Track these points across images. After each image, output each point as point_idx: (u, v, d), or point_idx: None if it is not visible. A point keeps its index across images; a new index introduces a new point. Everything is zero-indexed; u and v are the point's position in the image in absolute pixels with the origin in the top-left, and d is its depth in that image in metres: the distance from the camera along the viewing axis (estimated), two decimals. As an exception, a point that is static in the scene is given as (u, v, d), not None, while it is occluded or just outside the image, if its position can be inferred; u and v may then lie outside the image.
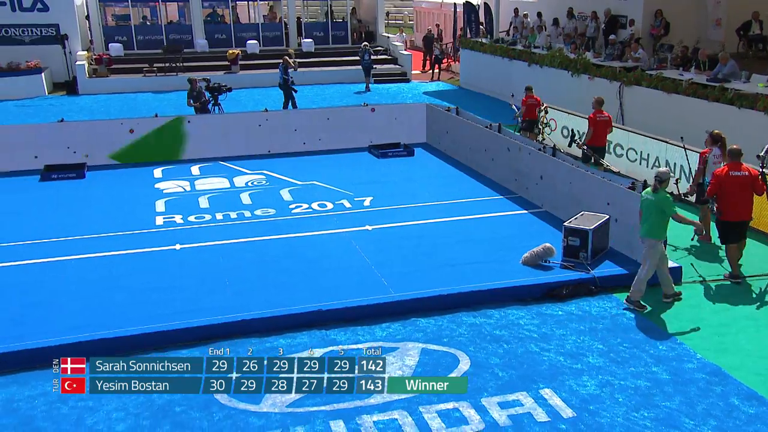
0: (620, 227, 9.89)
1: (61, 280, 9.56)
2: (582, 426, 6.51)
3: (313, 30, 29.33)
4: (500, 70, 21.45)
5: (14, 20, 25.14)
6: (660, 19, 18.09)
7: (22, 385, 7.24)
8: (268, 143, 15.74)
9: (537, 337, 8.13)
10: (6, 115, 20.78)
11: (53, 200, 12.95)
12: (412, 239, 10.76)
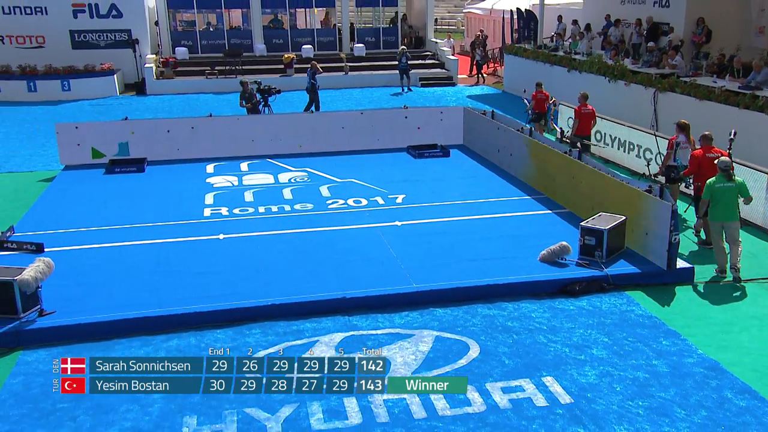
0: (637, 228, 9.94)
1: (118, 263, 10.07)
2: (577, 411, 6.70)
3: (365, 35, 29.69)
4: (541, 75, 21.36)
5: (92, 26, 26.20)
6: (702, 26, 17.80)
7: (76, 355, 7.38)
8: (313, 142, 16.05)
9: (546, 329, 8.29)
10: (81, 113, 21.84)
11: (115, 192, 13.52)
12: (438, 235, 10.96)
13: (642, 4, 19.86)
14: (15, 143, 18.17)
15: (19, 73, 24.50)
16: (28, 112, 22.15)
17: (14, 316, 8.21)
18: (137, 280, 9.45)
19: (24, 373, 7.45)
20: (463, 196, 12.91)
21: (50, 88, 24.36)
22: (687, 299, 9.09)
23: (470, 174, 14.58)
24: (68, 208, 12.55)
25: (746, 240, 10.91)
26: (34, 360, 7.73)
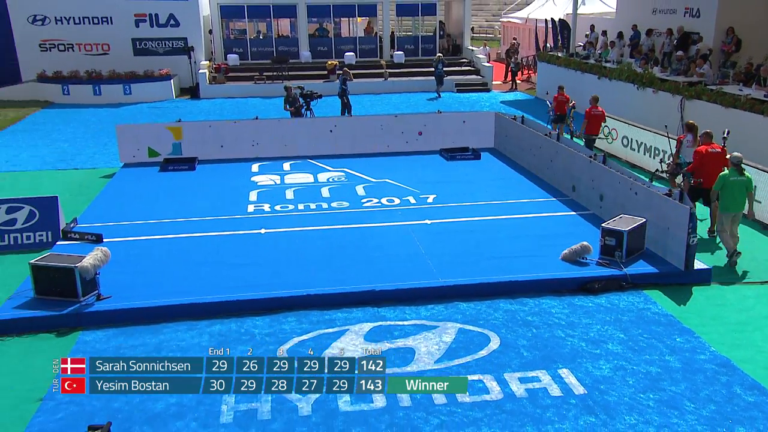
0: (656, 230, 9.86)
1: (169, 253, 10.36)
2: (590, 402, 6.73)
3: (405, 43, 29.66)
4: (573, 81, 21.18)
5: (152, 35, 26.70)
6: (732, 36, 17.37)
7: (129, 336, 8.10)
8: (351, 144, 16.16)
9: (564, 324, 8.30)
10: (140, 115, 22.27)
11: (168, 188, 13.84)
12: (465, 233, 10.99)
13: (673, 14, 19.45)
14: (81, 142, 18.65)
15: (86, 78, 25.16)
16: (93, 114, 22.68)
17: (75, 300, 8.55)
18: (185, 269, 9.71)
19: (83, 352, 7.73)
20: (492, 197, 12.90)
21: (113, 91, 24.89)
22: (703, 299, 8.99)
23: (500, 176, 14.54)
24: (125, 203, 12.89)
25: (763, 242, 10.81)
26: (91, 339, 8.06)
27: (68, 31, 25.89)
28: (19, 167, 16.02)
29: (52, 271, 8.66)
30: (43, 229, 10.95)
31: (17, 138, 19.12)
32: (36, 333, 8.21)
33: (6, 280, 9.32)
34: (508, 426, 6.41)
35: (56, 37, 25.86)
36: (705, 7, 18.09)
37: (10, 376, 7.33)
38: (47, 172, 15.56)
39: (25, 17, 25.42)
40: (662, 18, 19.93)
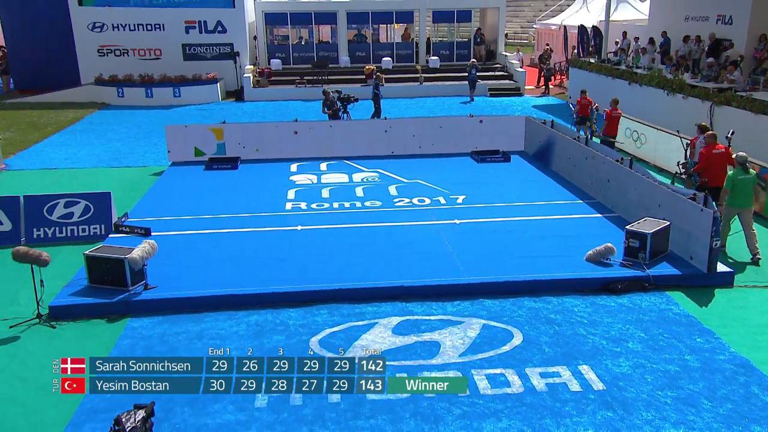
0: (680, 233, 9.72)
1: (212, 247, 10.54)
2: (608, 398, 6.72)
3: (440, 49, 29.62)
4: (603, 87, 20.92)
5: (200, 40, 27.13)
6: (764, 42, 16.92)
7: (173, 324, 8.31)
8: (386, 146, 16.22)
9: (586, 323, 8.26)
10: (188, 117, 22.63)
11: (212, 186, 14.06)
12: (492, 233, 10.96)
13: (705, 21, 19.02)
14: (133, 142, 19.06)
15: (139, 81, 25.67)
16: (145, 115, 23.15)
17: (124, 289, 8.80)
18: (226, 262, 9.89)
19: (131, 337, 8.03)
20: (520, 199, 12.83)
21: (164, 94, 25.39)
22: (725, 301, 8.84)
23: (528, 178, 14.44)
24: (172, 199, 13.15)
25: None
26: (139, 326, 8.29)
27: (124, 37, 26.53)
28: (76, 164, 16.49)
29: (104, 262, 8.91)
30: (97, 223, 11.24)
31: (75, 137, 19.67)
32: (88, 319, 8.48)
33: (63, 269, 9.58)
34: (527, 418, 6.44)
35: (113, 42, 26.53)
36: (738, 14, 17.66)
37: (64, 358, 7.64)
38: (102, 170, 15.96)
39: (86, 24, 26.15)
40: (694, 25, 19.49)
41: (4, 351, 7.79)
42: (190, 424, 6.35)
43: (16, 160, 16.81)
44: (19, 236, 10.97)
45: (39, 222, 11.10)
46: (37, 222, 11.10)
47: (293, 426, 6.33)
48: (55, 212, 11.16)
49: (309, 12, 29.02)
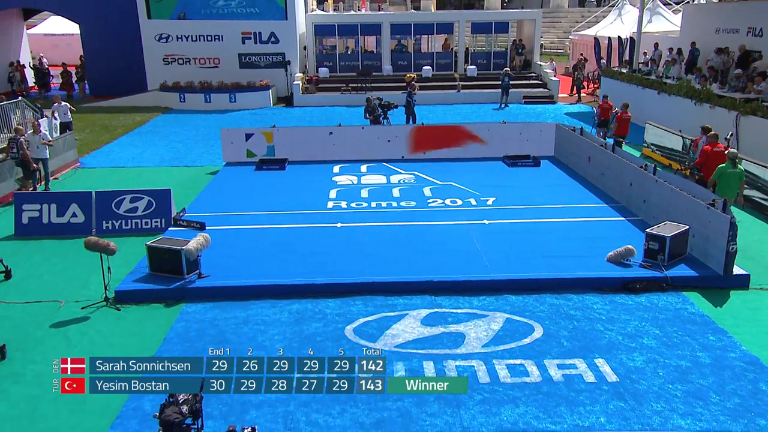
0: (699, 236, 9.60)
1: (259, 241, 10.77)
2: (621, 389, 6.76)
3: (478, 58, 29.37)
4: (634, 96, 20.51)
5: (255, 50, 27.38)
6: (792, 53, 16.57)
7: (222, 310, 8.60)
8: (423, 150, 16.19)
9: (604, 319, 8.26)
10: (242, 121, 22.88)
11: (261, 185, 14.25)
12: (519, 233, 10.96)
13: (735, 33, 18.49)
14: (192, 143, 19.35)
15: (199, 87, 26.18)
16: (203, 119, 23.55)
17: (180, 277, 9.11)
18: (271, 255, 10.12)
19: (185, 320, 8.35)
20: (547, 201, 12.76)
21: (221, 99, 25.80)
22: (740, 302, 8.72)
23: (557, 182, 14.31)
24: (226, 196, 13.41)
25: None
26: (192, 311, 8.59)
27: (186, 47, 27.09)
28: (142, 163, 16.95)
29: (164, 252, 9.24)
30: (158, 217, 11.58)
31: (141, 138, 20.18)
32: (149, 303, 8.84)
33: (127, 258, 9.94)
34: (543, 405, 6.52)
35: (177, 52, 27.10)
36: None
37: (128, 337, 8.00)
38: (164, 168, 16.34)
39: (153, 36, 26.82)
40: (725, 37, 18.97)
41: (76, 329, 8.23)
42: (235, 399, 6.58)
43: (90, 159, 17.38)
44: (90, 227, 11.44)
45: (108, 215, 11.53)
46: (106, 215, 11.54)
47: (328, 404, 6.55)
48: (122, 206, 11.57)
49: (355, 24, 29.20)
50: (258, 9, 27.09)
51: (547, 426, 6.23)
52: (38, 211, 11.53)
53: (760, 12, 17.67)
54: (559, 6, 49.72)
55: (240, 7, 27.00)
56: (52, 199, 11.72)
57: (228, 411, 6.49)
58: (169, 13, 26.76)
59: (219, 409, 6.51)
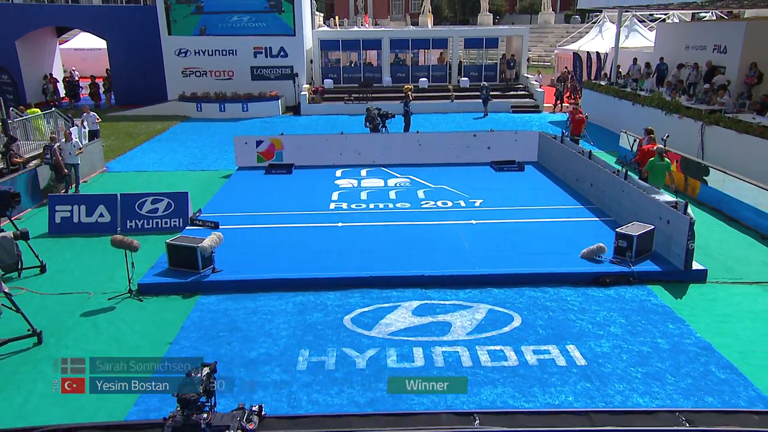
0: (663, 235, 9.77)
1: (267, 239, 10.89)
2: (588, 372, 6.94)
3: (470, 71, 29.45)
4: (610, 106, 20.76)
5: (266, 63, 27.46)
6: (754, 70, 16.56)
7: (234, 301, 8.75)
8: (418, 156, 16.27)
9: (576, 310, 8.42)
10: (253, 128, 23.03)
11: (270, 188, 14.33)
12: (504, 233, 11.07)
13: (703, 50, 18.65)
14: (207, 149, 19.43)
15: (214, 98, 26.32)
16: (218, 127, 23.63)
17: (196, 271, 9.28)
18: (278, 251, 10.27)
19: (200, 311, 8.51)
20: (529, 203, 12.86)
21: (234, 109, 25.93)
22: (697, 294, 8.89)
23: (539, 186, 14.41)
24: (238, 198, 13.51)
25: (759, 250, 10.52)
26: (207, 302, 8.75)
27: (203, 61, 27.23)
28: (162, 168, 17.05)
29: (181, 249, 9.39)
30: (177, 217, 11.75)
31: (162, 145, 20.28)
32: (168, 295, 9.01)
33: (149, 254, 10.09)
34: (519, 386, 6.71)
35: (194, 65, 27.23)
36: (731, 44, 17.28)
37: (150, 325, 8.18)
38: (182, 172, 16.43)
39: (173, 50, 26.97)
40: (694, 53, 19.12)
41: (104, 318, 8.44)
42: (245, 381, 6.82)
43: (115, 164, 17.52)
44: (116, 226, 11.62)
45: (131, 215, 11.71)
46: (130, 215, 11.71)
47: (327, 385, 6.75)
48: (144, 207, 11.75)
49: (358, 39, 29.32)
50: (266, 24, 27.14)
51: (522, 404, 6.42)
52: (69, 211, 11.72)
53: (724, 31, 17.85)
54: (546, 22, 49.86)
55: (251, 22, 27.11)
56: (82, 200, 11.91)
57: (238, 391, 6.63)
58: (191, 29, 26.89)
59: (231, 389, 6.70)
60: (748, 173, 12.39)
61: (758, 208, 11.06)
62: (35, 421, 6.32)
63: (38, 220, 12.31)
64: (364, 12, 63.18)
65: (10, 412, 6.53)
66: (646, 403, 6.39)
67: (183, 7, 26.66)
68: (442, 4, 65.01)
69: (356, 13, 65.38)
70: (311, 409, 6.38)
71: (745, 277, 9.39)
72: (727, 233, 11.32)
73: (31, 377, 7.09)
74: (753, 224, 11.25)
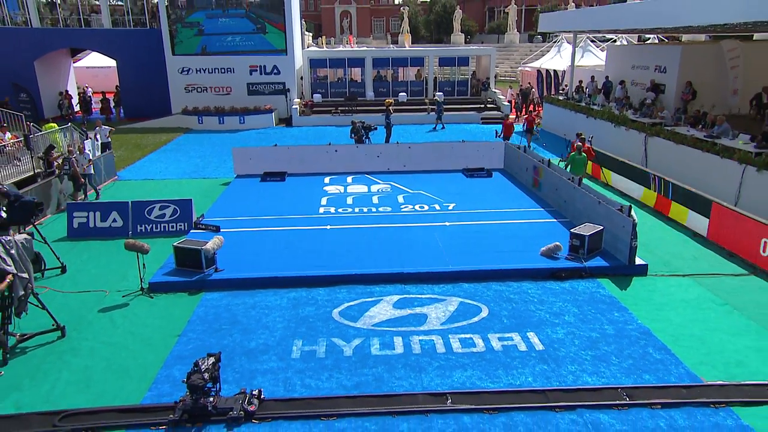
0: (610, 235, 10.05)
1: (263, 240, 10.90)
2: (545, 355, 7.18)
3: (444, 86, 29.68)
4: (567, 118, 21.14)
5: (261, 80, 27.37)
6: (689, 87, 16.96)
7: (234, 297, 8.85)
8: (398, 164, 16.35)
9: (536, 301, 8.64)
10: (250, 139, 22.93)
11: (265, 193, 14.35)
12: (474, 233, 11.22)
13: (646, 70, 19.08)
14: (208, 158, 19.33)
15: (214, 111, 26.15)
16: (218, 138, 23.52)
17: (200, 271, 9.35)
18: (274, 252, 10.33)
19: (205, 306, 8.61)
20: (497, 206, 13.01)
21: (232, 121, 25.82)
22: (639, 286, 9.17)
23: (505, 191, 14.56)
24: (236, 204, 13.46)
25: (691, 246, 10.81)
26: (211, 298, 8.85)
27: (204, 78, 27.10)
28: (167, 176, 16.96)
29: (187, 251, 9.46)
30: (182, 221, 11.77)
31: (167, 155, 20.14)
32: (175, 292, 9.09)
33: (158, 256, 10.15)
34: (485, 369, 6.92)
35: (196, 82, 27.09)
36: (670, 65, 17.70)
37: (160, 320, 8.27)
38: (185, 180, 16.34)
39: (177, 69, 26.82)
40: (639, 72, 19.54)
41: (119, 314, 8.51)
42: (246, 369, 6.98)
43: (125, 173, 17.39)
44: (127, 230, 11.63)
45: (141, 220, 11.72)
46: (140, 220, 11.72)
47: (318, 371, 6.91)
48: (152, 213, 11.76)
49: (344, 58, 29.38)
50: (258, 44, 27.05)
51: (488, 385, 6.64)
52: (86, 217, 11.71)
53: (664, 53, 18.27)
54: (512, 41, 50.35)
55: (244, 41, 27.00)
56: (97, 207, 11.90)
57: (240, 377, 6.82)
58: (194, 48, 26.77)
59: (233, 375, 6.84)
60: (684, 179, 12.81)
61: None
62: (62, 405, 6.45)
63: (58, 225, 12.28)
64: (349, 32, 63.21)
65: (39, 397, 6.63)
66: (594, 382, 6.66)
67: (187, 30, 26.61)
68: (419, 25, 65.26)
69: (342, 32, 65.36)
70: (304, 393, 6.53)
71: (679, 270, 9.70)
72: (665, 231, 11.68)
73: (57, 366, 7.18)
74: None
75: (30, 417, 6.25)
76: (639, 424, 5.98)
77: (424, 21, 66.62)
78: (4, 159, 13.53)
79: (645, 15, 16.07)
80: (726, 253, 10.38)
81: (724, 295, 8.83)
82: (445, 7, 62.57)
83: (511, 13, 50.27)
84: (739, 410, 6.20)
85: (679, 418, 6.07)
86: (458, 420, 6.10)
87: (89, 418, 6.18)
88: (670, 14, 14.65)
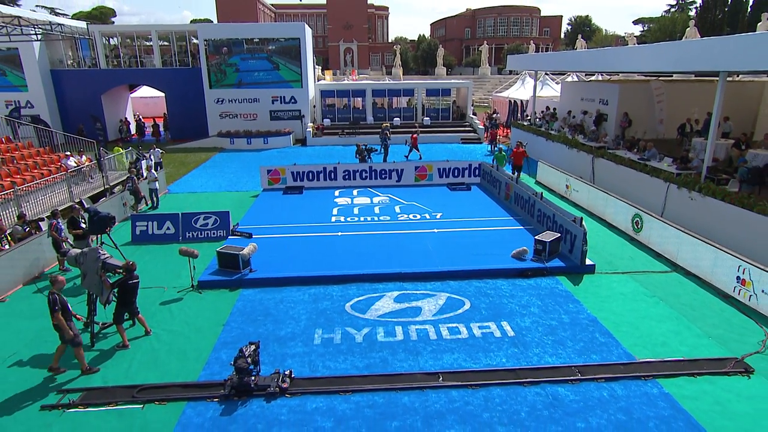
0: (567, 240, 10.20)
1: (286, 245, 10.87)
2: (516, 341, 7.37)
3: (431, 112, 29.82)
4: (530, 141, 21.33)
5: (281, 108, 27.27)
6: (626, 117, 17.10)
7: (266, 293, 8.92)
8: (394, 179, 16.28)
9: (508, 296, 8.77)
10: (272, 157, 22.65)
11: (287, 204, 14.24)
12: (458, 238, 11.24)
13: (592, 101, 19.28)
14: (240, 174, 19.12)
15: (243, 134, 26.05)
16: (247, 156, 23.33)
17: (238, 271, 9.43)
18: (295, 255, 10.32)
19: (242, 300, 8.69)
20: (476, 216, 13.01)
21: (258, 142, 25.69)
22: (588, 282, 9.32)
23: (482, 203, 14.44)
24: (264, 213, 13.38)
25: (628, 249, 10.93)
26: (247, 294, 8.92)
27: (235, 106, 27.06)
28: (207, 189, 16.81)
29: (227, 255, 9.52)
30: (222, 229, 11.79)
31: (206, 171, 19.98)
32: (219, 289, 9.16)
33: (205, 259, 10.25)
34: (469, 353, 7.11)
35: (228, 110, 27.04)
36: (611, 98, 17.87)
37: (207, 312, 8.37)
38: (222, 193, 16.22)
39: (213, 99, 26.84)
40: (587, 103, 19.71)
41: (176, 306, 8.61)
42: (278, 353, 7.15)
43: (173, 187, 17.28)
44: (179, 237, 11.67)
45: (189, 228, 11.76)
46: (188, 228, 11.76)
47: (334, 355, 7.08)
48: (198, 222, 11.79)
49: (348, 89, 29.39)
50: (279, 79, 27.13)
51: (471, 365, 6.84)
52: (146, 225, 11.74)
53: (606, 89, 18.39)
54: (484, 73, 50.45)
55: (266, 76, 27.07)
56: (154, 218, 11.92)
57: (274, 360, 7.00)
58: (232, 81, 26.81)
59: (267, 358, 7.01)
60: (624, 194, 12.99)
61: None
62: (137, 380, 6.64)
63: (123, 232, 12.30)
64: (351, 66, 63.18)
65: (120, 373, 6.82)
66: (553, 361, 6.88)
67: (230, 69, 26.67)
68: (408, 59, 65.47)
69: (345, 65, 65.34)
70: (325, 372, 6.70)
71: (619, 269, 9.85)
72: (608, 236, 11.85)
73: (131, 349, 7.35)
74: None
75: (115, 390, 6.44)
76: (588, 395, 6.21)
77: (413, 56, 66.91)
78: (81, 177, 13.66)
79: (589, 61, 16.70)
80: (654, 254, 10.58)
81: (653, 288, 9.03)
82: (429, 45, 63.27)
83: (483, 51, 50.47)
84: (663, 381, 6.45)
85: (618, 389, 6.31)
86: (448, 394, 6.31)
87: (159, 391, 6.38)
88: (607, 62, 15.54)
